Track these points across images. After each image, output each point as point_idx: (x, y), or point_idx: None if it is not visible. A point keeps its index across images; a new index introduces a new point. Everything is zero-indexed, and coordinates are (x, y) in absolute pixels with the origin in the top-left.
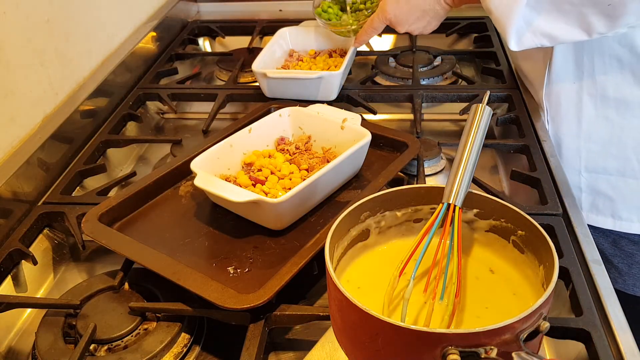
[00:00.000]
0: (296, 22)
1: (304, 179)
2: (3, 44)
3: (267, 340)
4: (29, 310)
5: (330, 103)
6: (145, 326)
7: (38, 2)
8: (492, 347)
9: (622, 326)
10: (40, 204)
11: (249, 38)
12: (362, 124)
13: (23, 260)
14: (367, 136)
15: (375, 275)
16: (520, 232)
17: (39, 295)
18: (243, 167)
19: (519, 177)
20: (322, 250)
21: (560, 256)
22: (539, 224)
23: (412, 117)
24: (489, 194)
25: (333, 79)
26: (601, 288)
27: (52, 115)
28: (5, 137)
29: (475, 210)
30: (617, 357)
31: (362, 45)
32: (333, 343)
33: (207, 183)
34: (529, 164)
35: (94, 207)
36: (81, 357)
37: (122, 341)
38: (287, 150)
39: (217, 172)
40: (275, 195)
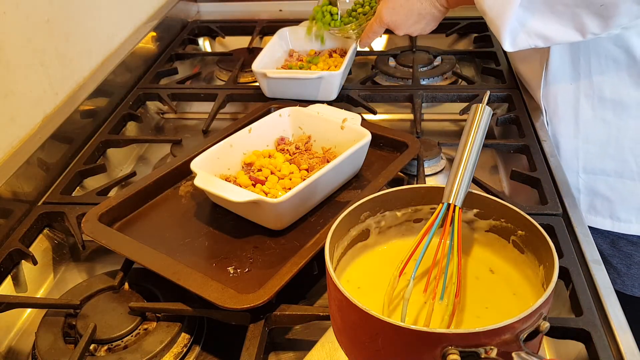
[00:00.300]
0: (296, 22)
1: (304, 179)
2: (3, 44)
3: (267, 340)
4: (29, 310)
5: (330, 103)
6: (145, 326)
7: (38, 2)
8: (492, 347)
9: (622, 326)
10: (40, 204)
11: (249, 38)
12: (362, 124)
13: (23, 260)
14: (367, 136)
15: (375, 275)
16: (520, 232)
17: (39, 295)
18: (243, 167)
19: (519, 177)
20: (322, 250)
21: (560, 256)
22: (539, 224)
23: (412, 117)
24: (489, 194)
25: (333, 79)
26: (601, 288)
27: (52, 115)
28: (5, 137)
29: (475, 210)
30: (617, 357)
31: (366, 47)
32: (333, 343)
33: (207, 183)
34: (529, 164)
35: (94, 207)
36: (81, 357)
37: (122, 341)
38: (287, 150)
39: (217, 172)
40: (275, 195)
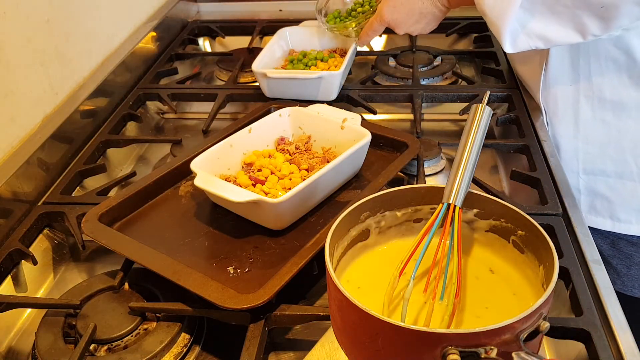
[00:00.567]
0: (296, 22)
1: (304, 179)
2: (3, 44)
3: (267, 340)
4: (29, 310)
5: (330, 103)
6: (145, 326)
7: (38, 2)
8: (492, 347)
9: (622, 326)
10: (40, 204)
11: (249, 38)
12: (362, 124)
13: (23, 260)
14: (367, 136)
15: (375, 275)
16: (520, 232)
17: (39, 295)
18: (243, 167)
19: (519, 177)
20: (322, 250)
21: (560, 256)
22: (539, 224)
23: (412, 117)
24: (489, 194)
25: (333, 79)
26: (601, 288)
27: (52, 115)
28: (5, 137)
29: (475, 210)
30: (617, 357)
31: (365, 45)
32: (333, 343)
33: (207, 183)
34: (529, 164)
35: (94, 207)
36: (81, 357)
37: (122, 341)
38: (287, 150)
39: (217, 172)
40: (275, 195)
